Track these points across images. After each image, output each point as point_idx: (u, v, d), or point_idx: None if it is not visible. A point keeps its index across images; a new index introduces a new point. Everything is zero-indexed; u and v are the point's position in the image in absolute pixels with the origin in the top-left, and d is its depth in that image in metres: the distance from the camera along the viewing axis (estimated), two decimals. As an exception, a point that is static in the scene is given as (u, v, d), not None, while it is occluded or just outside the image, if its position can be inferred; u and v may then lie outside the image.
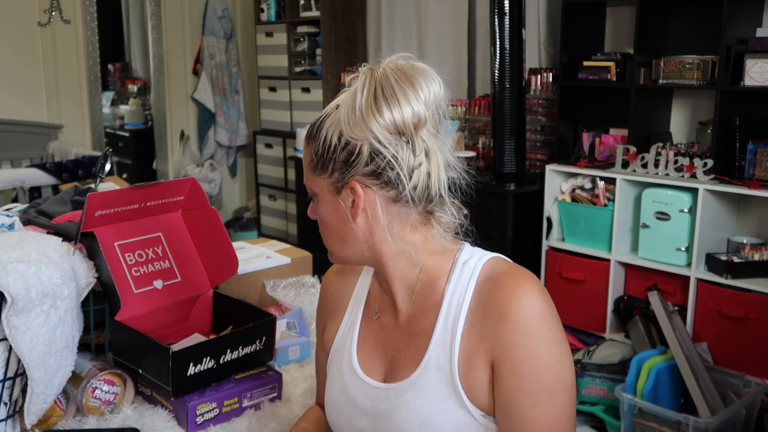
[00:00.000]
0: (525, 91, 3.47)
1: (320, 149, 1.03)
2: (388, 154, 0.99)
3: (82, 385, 1.27)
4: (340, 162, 1.02)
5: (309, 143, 1.06)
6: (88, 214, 1.29)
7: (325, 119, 1.04)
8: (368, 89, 1.00)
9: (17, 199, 3.53)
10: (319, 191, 1.05)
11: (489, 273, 1.05)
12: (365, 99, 1.00)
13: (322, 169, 1.03)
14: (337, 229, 1.06)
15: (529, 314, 0.98)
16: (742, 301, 2.77)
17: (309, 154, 1.05)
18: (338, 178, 1.02)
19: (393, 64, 1.03)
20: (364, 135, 0.99)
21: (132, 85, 6.45)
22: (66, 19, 4.55)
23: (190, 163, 5.39)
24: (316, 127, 1.05)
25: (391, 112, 0.98)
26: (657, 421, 2.63)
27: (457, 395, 1.00)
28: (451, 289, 1.05)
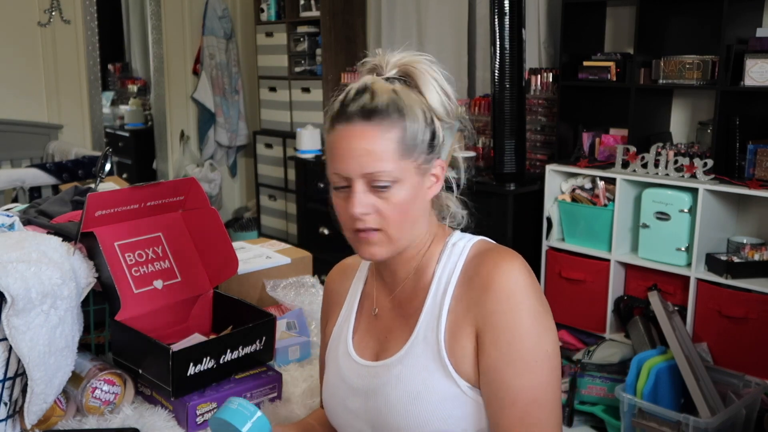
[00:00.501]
0: (525, 91, 3.47)
1: (408, 134, 1.04)
2: (450, 136, 1.11)
3: (82, 385, 1.27)
4: (425, 144, 1.06)
5: (389, 129, 1.03)
6: (88, 214, 1.29)
7: (398, 104, 1.04)
8: (442, 77, 1.09)
9: (17, 199, 3.53)
10: (404, 176, 1.04)
11: (476, 252, 1.10)
12: (448, 86, 1.10)
13: (410, 153, 1.04)
14: (413, 212, 1.07)
15: (511, 285, 1.02)
16: (742, 301, 2.77)
17: (392, 141, 1.03)
18: (426, 159, 1.06)
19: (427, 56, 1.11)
20: (453, 119, 1.10)
21: (132, 85, 6.45)
22: (66, 19, 4.55)
23: (190, 163, 5.39)
24: (391, 112, 1.04)
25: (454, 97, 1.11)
26: (657, 421, 2.63)
27: (444, 366, 1.04)
28: (441, 269, 1.10)
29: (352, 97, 1.06)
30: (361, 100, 1.04)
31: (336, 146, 1.06)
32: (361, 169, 1.02)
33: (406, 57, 1.10)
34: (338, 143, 1.05)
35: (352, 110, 1.04)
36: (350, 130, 1.04)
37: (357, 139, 1.03)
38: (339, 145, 1.05)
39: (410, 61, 1.09)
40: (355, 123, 1.04)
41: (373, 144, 1.02)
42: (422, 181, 1.07)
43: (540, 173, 3.49)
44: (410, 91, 1.07)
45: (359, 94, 1.05)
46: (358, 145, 1.03)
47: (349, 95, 1.07)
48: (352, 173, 1.03)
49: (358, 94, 1.06)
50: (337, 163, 1.05)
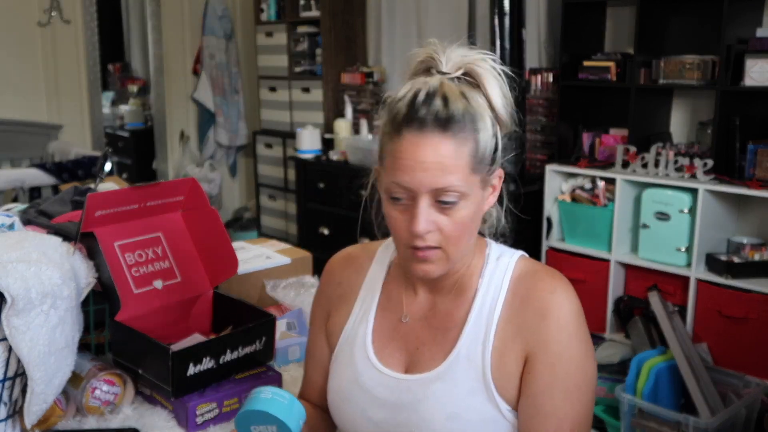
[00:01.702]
0: (525, 91, 3.47)
1: (480, 146, 0.97)
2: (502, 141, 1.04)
3: (82, 385, 1.27)
4: (493, 151, 1.01)
5: (464, 142, 0.95)
6: (88, 214, 1.29)
7: (471, 112, 0.97)
8: (504, 78, 1.03)
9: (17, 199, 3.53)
10: (471, 191, 0.98)
11: (523, 270, 1.06)
12: (506, 80, 1.02)
13: (479, 166, 0.98)
14: (473, 228, 1.03)
15: (568, 312, 1.00)
16: (742, 301, 2.77)
17: (465, 154, 0.96)
18: (489, 170, 1.01)
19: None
20: (515, 125, 1.04)
21: (132, 85, 6.45)
22: (66, 19, 4.55)
23: (190, 163, 5.39)
24: (467, 122, 0.96)
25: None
26: (657, 422, 2.63)
27: (487, 388, 1.01)
28: (486, 284, 1.06)
29: (423, 100, 0.96)
30: (434, 105, 0.95)
31: (403, 155, 0.96)
32: (431, 184, 0.95)
33: (470, 55, 1.02)
34: (406, 152, 0.96)
35: (425, 116, 0.95)
36: (423, 138, 0.94)
37: (431, 150, 0.94)
38: (407, 154, 0.95)
39: (475, 59, 1.01)
40: (427, 131, 0.94)
41: (448, 157, 0.94)
42: (483, 193, 1.02)
43: (540, 173, 3.49)
44: (477, 95, 0.99)
45: (430, 98, 0.96)
46: (431, 158, 0.94)
47: (419, 98, 0.96)
48: (420, 187, 0.95)
49: (429, 98, 0.96)
50: (402, 174, 0.96)
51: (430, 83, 0.98)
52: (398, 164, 0.96)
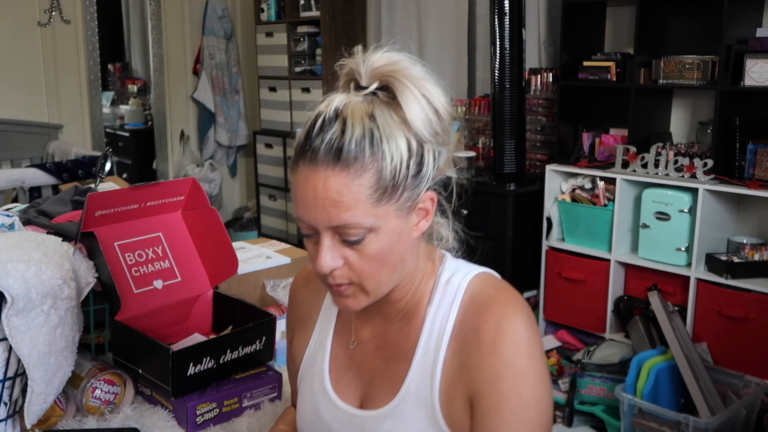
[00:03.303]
0: (525, 91, 3.47)
1: (385, 174, 0.86)
2: (450, 147, 0.94)
3: (82, 385, 1.27)
4: (412, 176, 0.89)
5: (360, 173, 0.85)
6: (88, 214, 1.29)
7: (374, 136, 0.86)
8: (432, 85, 0.90)
9: (17, 199, 3.53)
10: (381, 223, 0.88)
11: (473, 296, 0.95)
12: (440, 95, 0.90)
13: (389, 196, 0.87)
14: (393, 259, 0.92)
15: (516, 347, 0.90)
16: (742, 301, 2.77)
17: (364, 187, 0.86)
18: (410, 195, 0.89)
19: (408, 57, 0.93)
20: (445, 135, 0.91)
21: (132, 85, 6.45)
22: (66, 19, 4.55)
23: (190, 163, 5.39)
24: (365, 149, 0.86)
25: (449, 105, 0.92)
26: (657, 421, 2.63)
27: (438, 427, 0.93)
28: (433, 312, 0.96)
29: (320, 127, 0.87)
30: (329, 133, 0.86)
31: (298, 190, 0.89)
32: (326, 221, 0.87)
33: (387, 63, 0.90)
34: (300, 187, 0.88)
35: (318, 147, 0.86)
36: (314, 173, 0.86)
37: (321, 185, 0.85)
38: (300, 190, 0.88)
39: (391, 70, 0.89)
40: (319, 164, 0.86)
41: (341, 193, 0.85)
42: (406, 221, 0.91)
43: (540, 173, 3.49)
44: (391, 111, 0.88)
45: (328, 124, 0.87)
46: (322, 194, 0.86)
47: (317, 124, 0.88)
48: (318, 224, 0.88)
49: (326, 124, 0.87)
50: (299, 209, 0.89)
51: (333, 104, 0.88)
52: (296, 199, 0.90)
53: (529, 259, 3.47)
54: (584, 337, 3.31)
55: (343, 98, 0.89)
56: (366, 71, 0.90)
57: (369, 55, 0.91)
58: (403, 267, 0.94)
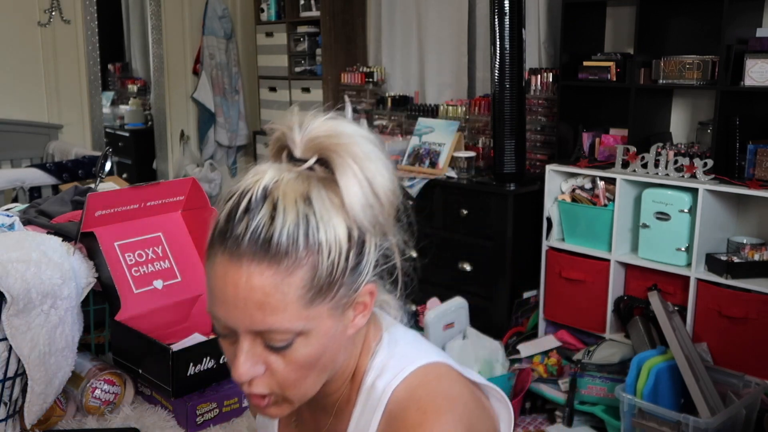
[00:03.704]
0: (525, 91, 3.47)
1: (321, 271, 0.73)
2: (393, 237, 0.80)
3: (82, 385, 1.27)
4: (350, 269, 0.76)
5: (292, 271, 0.72)
6: (88, 214, 1.29)
7: (309, 226, 0.72)
8: (376, 161, 0.76)
9: (17, 199, 3.53)
10: (312, 325, 0.74)
11: (395, 410, 0.79)
12: (386, 179, 0.76)
13: (323, 295, 0.74)
14: (322, 363, 0.78)
15: None
16: (742, 301, 2.77)
17: (295, 287, 0.72)
18: (347, 291, 0.76)
19: (350, 126, 0.79)
20: (387, 223, 0.78)
21: (132, 85, 6.44)
22: (66, 19, 4.55)
23: (190, 163, 5.39)
24: (299, 242, 0.72)
25: (396, 181, 0.79)
26: (657, 421, 2.63)
27: None
28: (356, 418, 0.83)
29: (244, 209, 0.72)
30: (256, 218, 0.72)
31: (215, 285, 0.74)
32: (248, 325, 0.73)
33: (328, 134, 0.76)
34: (217, 280, 0.74)
35: (241, 235, 0.72)
36: (236, 267, 0.72)
37: (244, 283, 0.71)
38: (217, 283, 0.74)
39: (333, 143, 0.75)
40: (242, 257, 0.71)
41: (268, 294, 0.71)
42: (340, 320, 0.77)
43: (540, 173, 3.49)
44: (330, 192, 0.74)
45: (255, 207, 0.72)
46: (245, 294, 0.72)
47: (240, 206, 0.73)
48: (238, 327, 0.74)
49: (253, 207, 0.72)
50: (217, 307, 0.75)
51: (261, 182, 0.73)
52: (211, 293, 0.75)
53: (529, 259, 3.47)
54: (584, 337, 3.31)
55: (273, 174, 0.74)
56: (302, 140, 0.76)
57: (308, 121, 0.77)
58: (334, 366, 0.81)
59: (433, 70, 4.31)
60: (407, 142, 3.97)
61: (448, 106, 4.02)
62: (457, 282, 3.57)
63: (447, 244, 3.58)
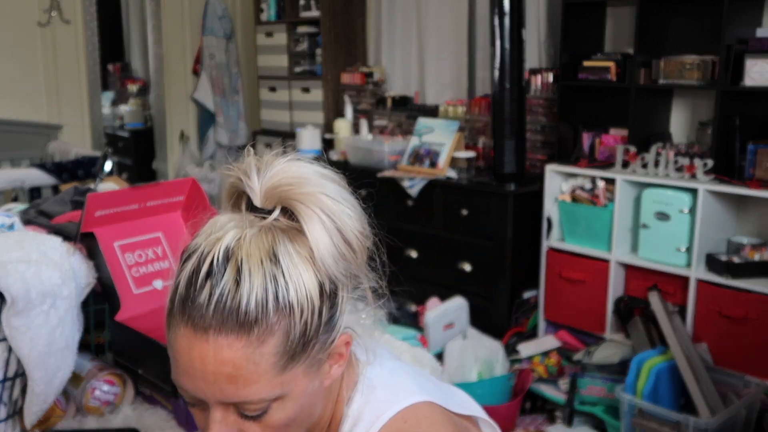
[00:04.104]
0: (525, 91, 3.47)
1: (298, 329, 0.69)
2: (366, 280, 0.76)
3: (82, 385, 1.27)
4: (324, 324, 0.71)
5: (264, 340, 0.67)
6: (88, 214, 1.29)
7: (278, 289, 0.67)
8: (346, 209, 0.72)
9: (17, 199, 3.53)
10: (288, 388, 0.70)
11: None
12: (355, 224, 0.72)
13: (302, 354, 0.70)
14: (302, 418, 0.74)
15: None
16: (742, 301, 2.77)
17: (269, 355, 0.68)
18: (321, 347, 0.72)
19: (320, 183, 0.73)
20: (360, 269, 0.74)
21: (132, 85, 6.44)
22: (66, 19, 4.55)
23: (190, 163, 5.39)
24: (269, 309, 0.67)
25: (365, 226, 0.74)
26: (657, 422, 2.63)
27: None
28: None
29: (205, 276, 0.68)
30: (219, 286, 0.67)
31: (179, 357, 0.70)
32: (219, 397, 0.69)
33: (289, 183, 0.71)
34: (181, 352, 0.70)
35: (204, 305, 0.67)
36: (201, 341, 0.67)
37: (212, 358, 0.67)
38: (181, 356, 0.69)
39: (296, 193, 0.70)
40: (209, 330, 0.67)
41: (239, 367, 0.67)
42: (316, 376, 0.73)
43: (540, 173, 3.49)
44: (296, 244, 0.70)
45: (217, 273, 0.67)
46: (214, 368, 0.67)
47: (201, 272, 0.68)
48: (207, 399, 0.70)
49: (214, 273, 0.67)
50: (183, 379, 0.71)
51: (222, 243, 0.68)
52: (175, 365, 0.71)
53: (529, 259, 3.47)
54: (584, 337, 3.31)
55: (234, 232, 0.69)
56: (262, 189, 0.71)
57: (265, 166, 0.72)
58: (312, 420, 0.77)
59: (433, 70, 4.31)
60: (407, 142, 3.98)
61: (448, 106, 4.02)
62: (457, 282, 3.57)
63: (447, 244, 3.58)
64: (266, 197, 0.71)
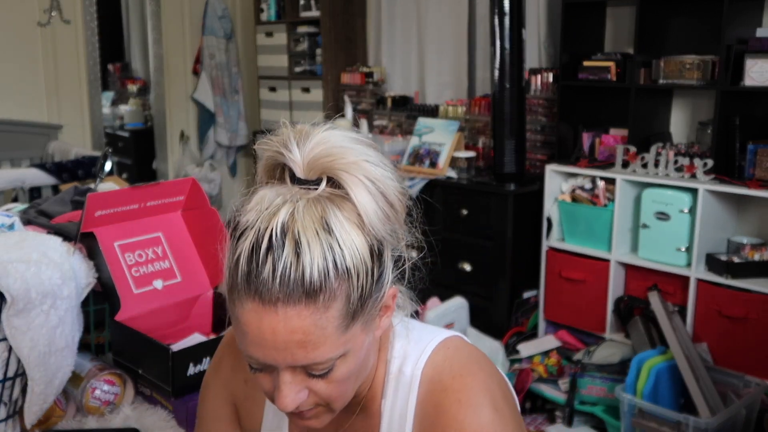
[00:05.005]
0: (525, 91, 3.47)
1: (354, 294, 0.74)
2: (405, 235, 0.82)
3: (82, 385, 1.27)
4: (375, 282, 0.77)
5: (329, 305, 0.72)
6: (88, 214, 1.29)
7: (336, 254, 0.72)
8: (384, 171, 0.76)
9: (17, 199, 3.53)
10: (350, 346, 0.76)
11: (430, 388, 0.83)
12: (394, 184, 0.77)
13: (360, 312, 0.75)
14: (360, 369, 0.81)
15: (482, 424, 0.79)
16: (742, 301, 2.77)
17: (333, 318, 0.73)
18: (374, 303, 0.77)
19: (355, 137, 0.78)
20: (402, 227, 0.80)
21: (132, 85, 6.45)
22: (66, 19, 4.55)
23: (190, 163, 5.39)
24: (331, 276, 0.71)
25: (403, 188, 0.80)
26: (657, 421, 2.63)
27: None
28: (389, 408, 0.85)
29: (265, 252, 0.71)
30: (281, 260, 0.70)
31: (246, 328, 0.74)
32: (289, 361, 0.74)
33: (330, 154, 0.74)
34: (249, 325, 0.73)
35: (269, 280, 0.70)
36: (270, 313, 0.71)
37: (282, 327, 0.71)
38: (250, 328, 0.73)
39: (339, 163, 0.74)
40: (277, 303, 0.71)
41: (308, 333, 0.72)
42: (371, 329, 0.79)
43: (540, 173, 3.49)
44: (344, 211, 0.74)
45: (275, 248, 0.71)
46: (285, 336, 0.72)
47: (261, 250, 0.71)
48: (278, 364, 0.75)
49: (274, 248, 0.71)
50: (253, 349, 0.75)
51: (277, 219, 0.71)
52: (243, 336, 0.75)
53: (529, 259, 3.47)
54: (584, 337, 3.31)
55: (287, 207, 0.72)
56: (305, 161, 0.75)
57: (304, 140, 0.75)
58: (367, 368, 0.84)
59: (433, 70, 4.31)
60: (407, 142, 3.98)
61: (448, 106, 4.02)
62: (457, 282, 3.57)
63: (447, 244, 3.58)
64: (309, 168, 0.75)
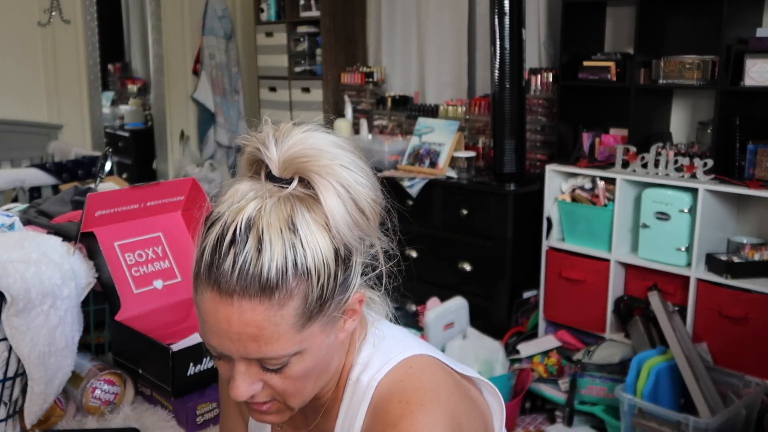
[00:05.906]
0: (525, 91, 3.47)
1: (313, 295, 0.74)
2: (379, 243, 0.81)
3: (82, 385, 1.27)
4: (339, 286, 0.77)
5: (285, 302, 0.73)
6: (88, 214, 1.29)
7: (297, 254, 0.72)
8: (360, 177, 0.77)
9: (17, 199, 3.53)
10: (307, 344, 0.76)
11: (379, 402, 0.82)
12: (368, 192, 0.77)
13: (318, 313, 0.76)
14: (319, 370, 0.81)
15: None
16: (742, 301, 2.77)
17: (289, 316, 0.73)
18: (336, 305, 0.78)
19: (327, 137, 0.78)
20: (373, 233, 0.79)
21: (132, 85, 6.44)
22: (66, 19, 4.55)
23: (190, 163, 5.39)
24: (288, 274, 0.72)
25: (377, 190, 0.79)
26: (657, 421, 2.63)
27: None
28: (343, 415, 0.86)
29: (228, 244, 0.72)
30: (242, 254, 0.71)
31: (206, 317, 0.76)
32: (243, 354, 0.75)
33: (306, 155, 0.75)
34: (207, 314, 0.75)
35: (228, 272, 0.72)
36: (226, 304, 0.72)
37: (237, 319, 0.73)
38: (208, 317, 0.75)
39: (314, 165, 0.75)
40: (233, 295, 0.72)
41: (262, 327, 0.73)
42: (332, 331, 0.79)
43: (540, 173, 3.49)
44: (312, 213, 0.74)
45: (239, 242, 0.72)
46: (238, 328, 0.73)
47: (224, 242, 0.73)
48: (232, 354, 0.76)
49: (237, 241, 0.72)
50: (210, 337, 0.77)
51: (244, 214, 0.73)
52: (203, 324, 0.77)
53: (529, 259, 3.47)
54: (584, 337, 3.31)
55: (255, 203, 0.73)
56: (280, 159, 0.76)
57: (282, 136, 0.77)
58: (330, 370, 0.84)
59: (433, 70, 4.31)
60: (407, 142, 3.97)
61: (448, 106, 4.02)
62: (457, 282, 3.57)
63: (447, 244, 3.58)
64: (284, 167, 0.76)
